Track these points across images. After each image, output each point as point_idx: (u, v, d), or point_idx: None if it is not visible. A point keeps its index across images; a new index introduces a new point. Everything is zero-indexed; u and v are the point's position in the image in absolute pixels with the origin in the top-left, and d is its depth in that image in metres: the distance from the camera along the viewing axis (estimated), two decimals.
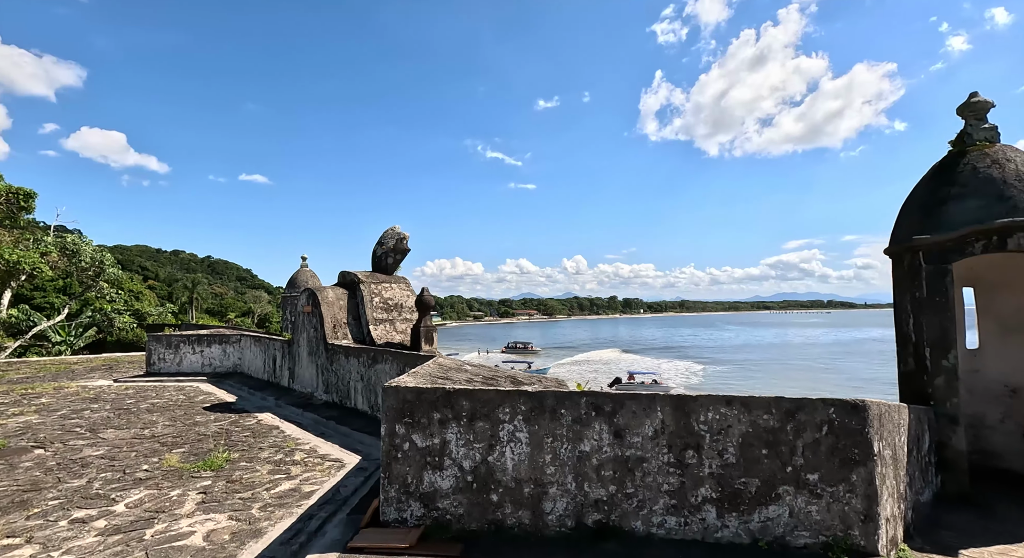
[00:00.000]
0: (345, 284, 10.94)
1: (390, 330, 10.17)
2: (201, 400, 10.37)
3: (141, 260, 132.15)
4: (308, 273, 19.27)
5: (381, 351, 7.92)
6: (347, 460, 6.30)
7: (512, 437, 3.93)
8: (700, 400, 3.70)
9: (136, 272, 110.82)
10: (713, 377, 54.80)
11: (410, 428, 4.00)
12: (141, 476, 5.67)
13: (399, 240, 11.17)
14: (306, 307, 10.40)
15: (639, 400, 3.80)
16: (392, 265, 11.21)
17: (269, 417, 8.71)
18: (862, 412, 3.44)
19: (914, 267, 4.96)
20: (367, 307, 10.03)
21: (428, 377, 4.89)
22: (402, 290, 10.80)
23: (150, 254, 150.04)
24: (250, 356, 13.25)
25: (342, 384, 9.01)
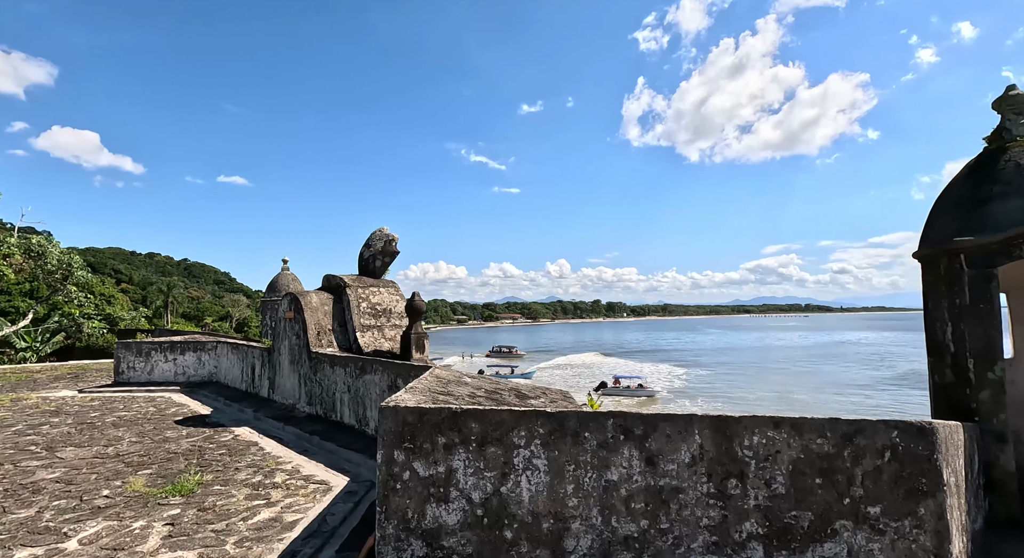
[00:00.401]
0: (330, 288, 10.35)
1: (378, 337, 9.61)
2: (173, 413, 9.65)
3: (114, 263, 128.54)
4: (289, 276, 18.53)
5: (370, 360, 7.38)
6: (333, 482, 5.74)
7: (529, 464, 3.45)
8: (744, 422, 3.28)
9: (109, 275, 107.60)
10: (696, 380, 55.00)
11: (411, 454, 3.50)
12: (101, 504, 5.04)
13: (387, 242, 10.62)
14: (288, 313, 9.77)
15: (674, 422, 3.36)
16: (380, 268, 10.66)
17: (247, 432, 8.08)
18: (929, 436, 3.04)
19: (954, 272, 4.63)
20: (354, 312, 9.46)
21: (428, 393, 4.40)
22: (391, 294, 10.25)
23: (124, 257, 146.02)
24: (227, 364, 12.52)
25: (327, 396, 8.42)
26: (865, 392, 43.90)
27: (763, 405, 38.89)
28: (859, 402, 39.85)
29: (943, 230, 4.74)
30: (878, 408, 37.49)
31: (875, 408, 37.52)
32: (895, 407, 37.36)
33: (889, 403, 38.96)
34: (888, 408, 37.33)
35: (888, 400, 40.30)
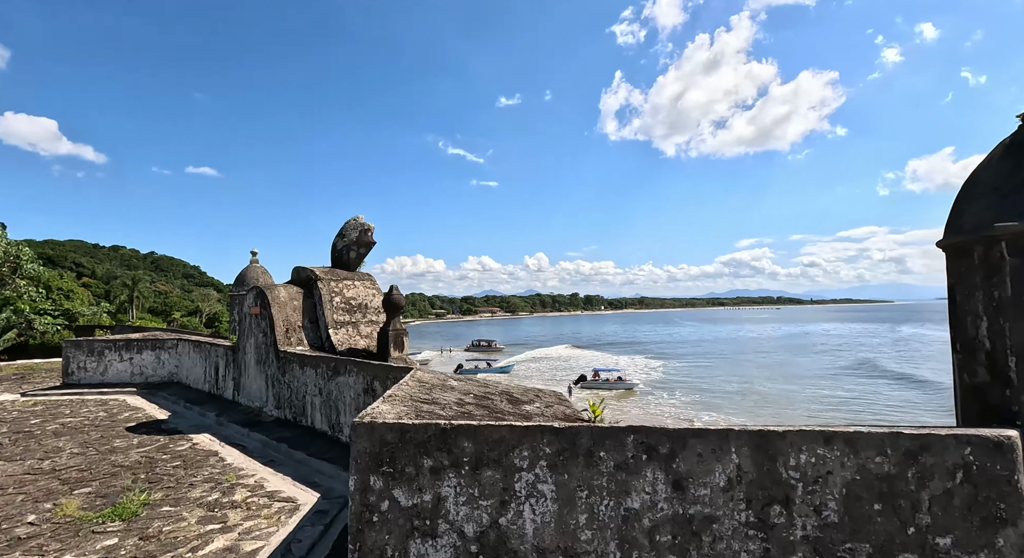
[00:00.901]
0: (300, 282, 9.59)
1: (353, 334, 8.91)
2: (125, 418, 8.80)
3: (75, 256, 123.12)
4: (259, 269, 17.55)
5: (343, 361, 6.71)
6: (302, 499, 5.10)
7: (533, 490, 2.89)
8: (789, 437, 2.77)
9: (69, 269, 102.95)
10: (673, 372, 55.47)
11: (390, 480, 2.90)
12: (22, 534, 4.30)
13: (363, 231, 9.89)
14: (254, 308, 8.99)
15: (706, 438, 2.83)
16: (355, 260, 9.93)
17: (207, 439, 7.33)
18: (1009, 453, 2.59)
19: (992, 261, 4.23)
20: (326, 308, 8.74)
21: (410, 403, 3.80)
22: (366, 288, 9.55)
23: (86, 250, 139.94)
24: (188, 364, 11.63)
25: (296, 399, 7.72)
26: (826, 381, 44.86)
27: (731, 398, 39.31)
28: (827, 394, 40.64)
29: (978, 216, 4.35)
30: (846, 400, 38.26)
31: (844, 401, 38.28)
32: (862, 397, 38.20)
33: (856, 395, 39.85)
34: (855, 399, 38.14)
35: (856, 391, 41.23)
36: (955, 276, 4.79)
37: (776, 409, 34.47)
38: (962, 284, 4.66)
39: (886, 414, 32.62)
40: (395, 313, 8.68)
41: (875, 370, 51.74)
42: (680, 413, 34.45)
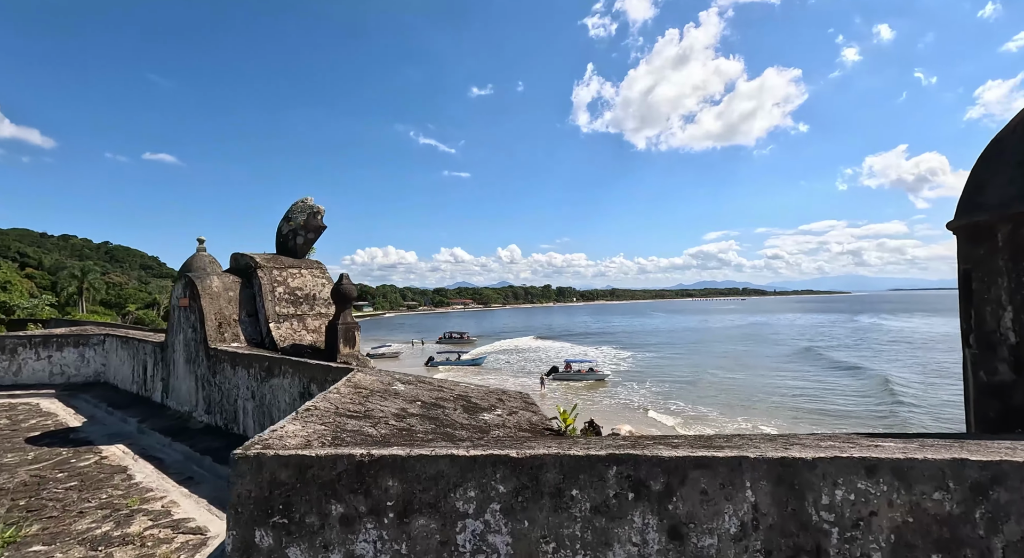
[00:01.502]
0: (239, 270, 8.57)
1: (298, 328, 7.99)
2: (30, 426, 7.67)
3: (20, 245, 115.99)
4: (206, 259, 16.15)
5: (278, 360, 5.82)
6: (214, 528, 4.23)
7: (482, 544, 2.14)
8: (820, 467, 2.09)
9: (12, 259, 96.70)
10: (643, 362, 55.88)
11: (285, 535, 2.11)
12: None
13: (311, 214, 8.92)
14: (182, 299, 7.96)
15: (712, 470, 2.13)
16: (302, 246, 8.95)
17: (120, 451, 6.33)
18: None
19: (1018, 243, 3.69)
20: (266, 299, 7.78)
21: (332, 418, 2.99)
22: (315, 277, 8.61)
23: (32, 239, 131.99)
24: (116, 362, 10.44)
25: (228, 403, 6.78)
26: (788, 371, 45.92)
27: (697, 388, 39.65)
28: (793, 384, 41.44)
29: (1000, 193, 3.81)
30: (806, 390, 39.06)
31: (805, 391, 39.06)
32: (821, 386, 39.14)
33: (813, 385, 40.78)
34: (818, 389, 38.99)
35: (812, 382, 42.19)
36: (971, 260, 4.22)
37: (743, 398, 34.91)
38: (980, 269, 4.09)
39: (856, 406, 33.36)
40: (345, 305, 7.80)
41: (822, 359, 53.34)
42: (650, 403, 34.47)
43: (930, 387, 35.72)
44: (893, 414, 29.56)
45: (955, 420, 27.76)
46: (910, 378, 41.05)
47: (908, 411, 30.30)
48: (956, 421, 27.56)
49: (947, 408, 30.41)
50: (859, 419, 28.24)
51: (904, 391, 35.87)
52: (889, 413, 29.99)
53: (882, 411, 30.50)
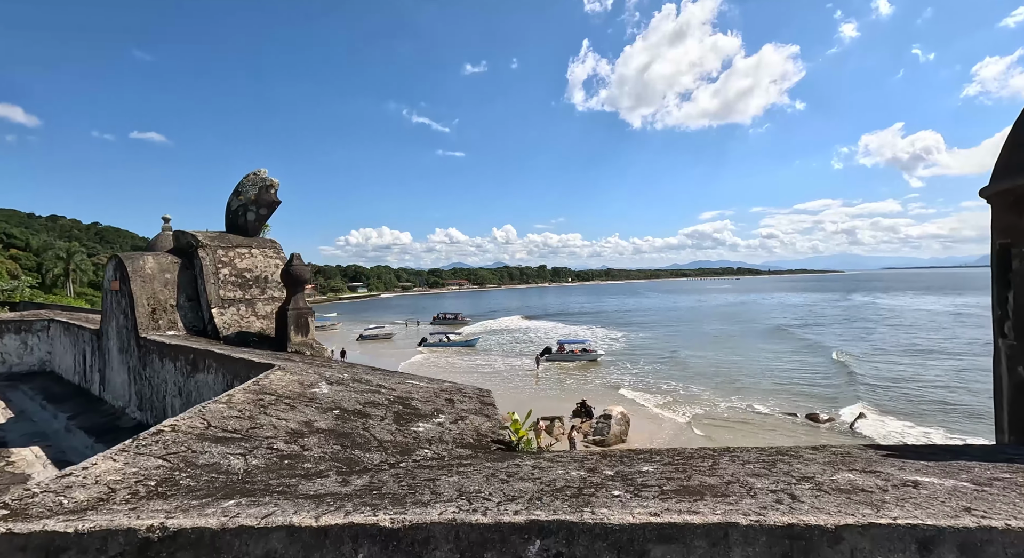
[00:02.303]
0: (180, 250, 7.74)
1: (247, 314, 7.20)
2: None
3: (7, 226, 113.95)
4: (171, 238, 15.28)
5: (202, 353, 5.06)
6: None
7: None
8: (847, 539, 1.35)
9: (1, 240, 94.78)
10: (635, 343, 55.64)
11: None
12: None
13: (264, 188, 8.05)
14: (113, 282, 7.15)
15: (686, 546, 1.39)
16: (254, 223, 8.09)
17: (31, 455, 5.59)
18: None
19: None
20: (208, 282, 6.97)
21: (187, 444, 2.20)
22: (267, 258, 7.79)
23: (19, 219, 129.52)
24: (60, 350, 9.64)
25: (157, 400, 6.04)
26: (776, 351, 45.74)
27: (688, 370, 39.35)
28: (786, 367, 41.23)
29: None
30: (797, 372, 38.80)
31: (798, 373, 38.81)
32: (812, 365, 38.97)
33: (801, 364, 40.57)
34: (807, 372, 38.75)
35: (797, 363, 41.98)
36: (1012, 232, 3.46)
37: (735, 378, 34.64)
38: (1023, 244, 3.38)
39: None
40: (297, 288, 7.00)
41: (790, 337, 53.31)
42: (640, 382, 34.14)
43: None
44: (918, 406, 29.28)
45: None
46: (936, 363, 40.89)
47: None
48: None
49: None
50: (850, 394, 28.04)
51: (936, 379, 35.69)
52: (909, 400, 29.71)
53: (894, 394, 30.24)
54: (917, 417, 25.14)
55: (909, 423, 24.34)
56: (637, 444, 21.78)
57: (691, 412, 27.42)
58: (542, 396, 31.77)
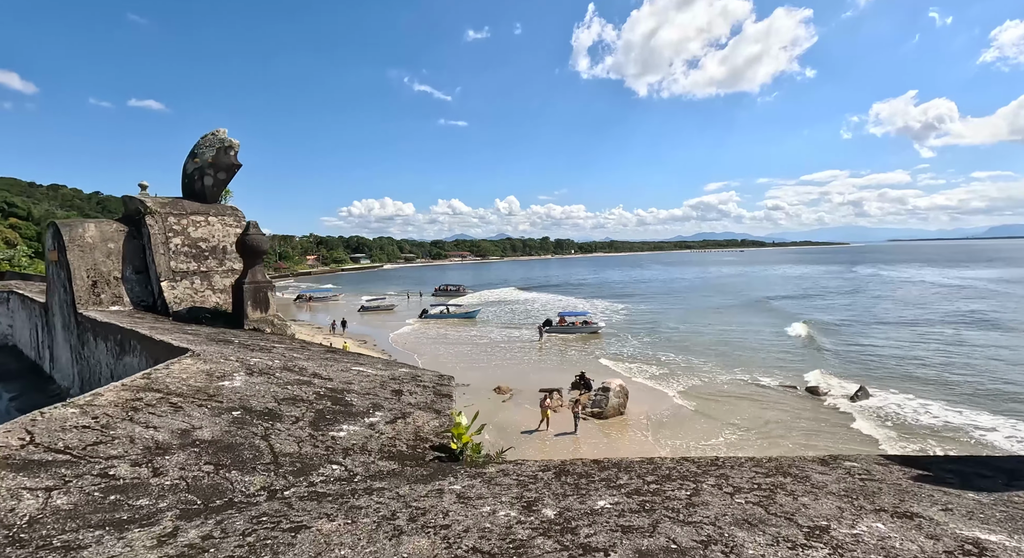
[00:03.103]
0: (129, 217, 7.09)
1: (202, 288, 6.61)
2: None
3: (7, 195, 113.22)
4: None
5: (129, 333, 4.49)
6: None
7: None
8: None
9: (2, 209, 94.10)
10: (638, 315, 55.24)
11: None
12: None
13: (222, 149, 7.32)
14: (51, 252, 6.54)
15: None
16: (212, 189, 7.41)
17: None
18: None
19: None
20: (157, 252, 6.35)
21: None
22: (226, 227, 7.14)
23: (20, 189, 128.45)
24: (20, 324, 9.13)
25: (95, 383, 5.52)
26: (775, 325, 45.26)
27: (687, 344, 38.96)
28: (778, 340, 40.83)
29: None
30: (790, 347, 38.34)
31: (791, 344, 38.37)
32: (811, 339, 38.51)
33: (791, 338, 40.08)
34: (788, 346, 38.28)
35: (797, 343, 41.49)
36: None
37: (737, 350, 34.26)
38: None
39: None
40: (255, 260, 6.38)
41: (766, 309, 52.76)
42: (640, 354, 33.82)
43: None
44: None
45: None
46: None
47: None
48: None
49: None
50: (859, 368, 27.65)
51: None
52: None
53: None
54: (916, 391, 24.82)
55: (909, 395, 24.00)
56: (635, 417, 21.50)
57: (690, 384, 27.11)
58: (542, 368, 31.51)
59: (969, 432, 19.18)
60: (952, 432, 19.23)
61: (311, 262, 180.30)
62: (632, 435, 19.76)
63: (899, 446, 17.82)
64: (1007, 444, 17.96)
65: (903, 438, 18.60)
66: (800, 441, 18.23)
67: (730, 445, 17.73)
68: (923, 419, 20.80)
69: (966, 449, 17.27)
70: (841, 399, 23.52)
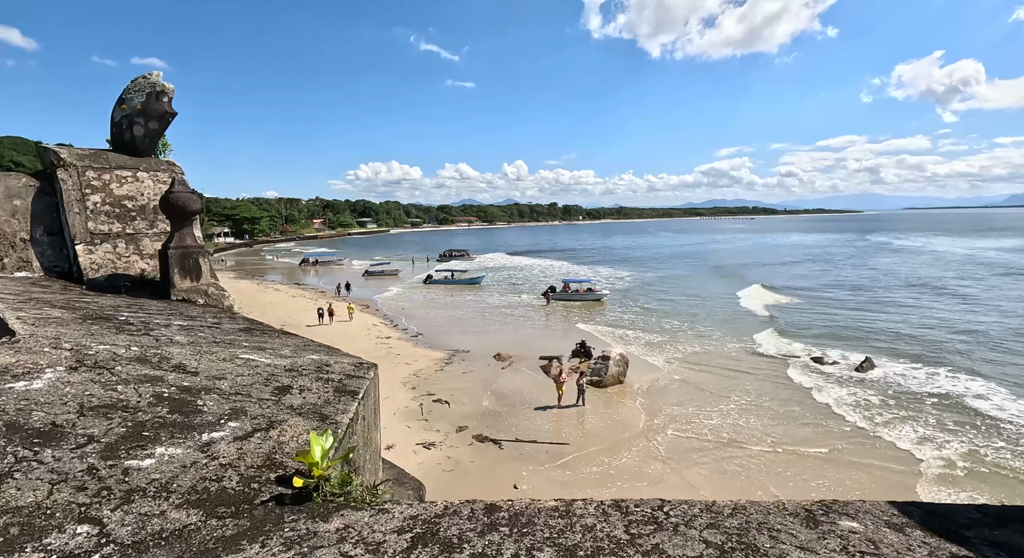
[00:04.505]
0: (44, 171, 6.26)
1: (128, 253, 5.85)
2: None
3: (14, 155, 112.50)
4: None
5: None
6: None
7: None
8: None
9: (8, 169, 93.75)
10: (642, 283, 54.44)
11: None
12: None
13: (154, 95, 6.39)
14: None
15: None
16: (143, 140, 6.52)
17: None
18: None
19: None
20: (71, 211, 5.55)
21: None
22: (159, 183, 6.30)
23: (27, 148, 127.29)
24: None
25: None
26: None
27: (687, 313, 38.15)
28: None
29: None
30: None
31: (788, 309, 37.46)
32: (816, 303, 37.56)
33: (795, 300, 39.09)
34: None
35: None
36: None
37: (741, 316, 33.47)
38: None
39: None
40: (183, 222, 5.57)
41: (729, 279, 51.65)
42: (642, 322, 33.16)
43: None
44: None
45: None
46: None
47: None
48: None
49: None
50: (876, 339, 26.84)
51: None
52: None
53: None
54: (923, 359, 24.17)
55: (916, 365, 23.34)
56: (634, 386, 20.96)
57: (691, 351, 26.55)
58: (544, 335, 31.00)
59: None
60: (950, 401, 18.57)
61: (317, 225, 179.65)
62: (629, 405, 19.29)
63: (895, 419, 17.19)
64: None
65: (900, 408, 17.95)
66: (800, 423, 17.65)
67: (726, 424, 17.18)
68: (926, 389, 20.18)
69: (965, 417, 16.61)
70: (845, 370, 22.85)
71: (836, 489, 12.76)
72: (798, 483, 13.18)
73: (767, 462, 14.43)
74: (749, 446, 15.36)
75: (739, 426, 16.80)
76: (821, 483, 13.15)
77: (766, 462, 14.43)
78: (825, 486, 12.94)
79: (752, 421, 17.16)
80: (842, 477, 13.57)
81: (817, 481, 13.31)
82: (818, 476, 13.63)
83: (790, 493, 12.66)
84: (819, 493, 12.54)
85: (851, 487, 12.85)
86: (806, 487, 12.80)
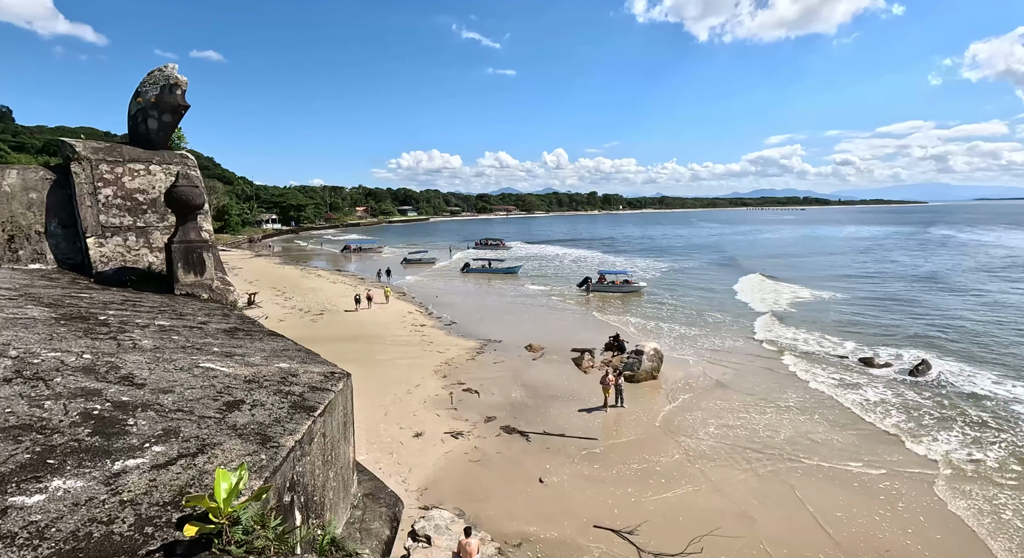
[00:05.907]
0: (60, 164, 6.36)
1: (138, 246, 5.87)
2: None
3: None
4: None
5: None
6: None
7: None
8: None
9: None
10: (681, 275, 52.91)
11: None
12: None
13: (168, 88, 6.37)
14: None
15: None
16: (158, 132, 6.54)
17: None
18: None
19: None
20: (83, 204, 5.61)
21: None
22: (169, 176, 6.30)
23: (98, 138, 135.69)
24: None
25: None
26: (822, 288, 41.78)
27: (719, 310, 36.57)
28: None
29: None
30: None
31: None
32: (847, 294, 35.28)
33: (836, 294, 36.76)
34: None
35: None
36: None
37: (785, 313, 31.93)
38: None
39: None
40: (187, 216, 5.52)
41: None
42: (680, 316, 32.14)
43: None
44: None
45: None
46: None
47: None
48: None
49: None
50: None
51: None
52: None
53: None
54: (978, 362, 22.41)
55: (972, 368, 21.64)
56: (668, 383, 20.28)
57: (728, 346, 25.52)
58: (577, 327, 30.49)
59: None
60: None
61: (360, 213, 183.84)
62: (661, 401, 18.65)
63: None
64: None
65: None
66: (846, 432, 16.57)
67: (762, 427, 16.30)
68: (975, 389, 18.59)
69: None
70: (895, 372, 21.37)
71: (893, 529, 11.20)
72: (848, 514, 11.59)
73: (811, 478, 13.32)
74: (791, 457, 14.43)
75: (777, 432, 15.93)
76: (875, 519, 11.67)
77: (811, 478, 13.31)
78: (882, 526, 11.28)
79: (792, 427, 16.25)
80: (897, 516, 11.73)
81: (867, 517, 11.74)
82: (868, 510, 11.91)
83: (842, 527, 11.33)
84: (874, 528, 11.21)
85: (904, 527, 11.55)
86: (855, 523, 11.31)
